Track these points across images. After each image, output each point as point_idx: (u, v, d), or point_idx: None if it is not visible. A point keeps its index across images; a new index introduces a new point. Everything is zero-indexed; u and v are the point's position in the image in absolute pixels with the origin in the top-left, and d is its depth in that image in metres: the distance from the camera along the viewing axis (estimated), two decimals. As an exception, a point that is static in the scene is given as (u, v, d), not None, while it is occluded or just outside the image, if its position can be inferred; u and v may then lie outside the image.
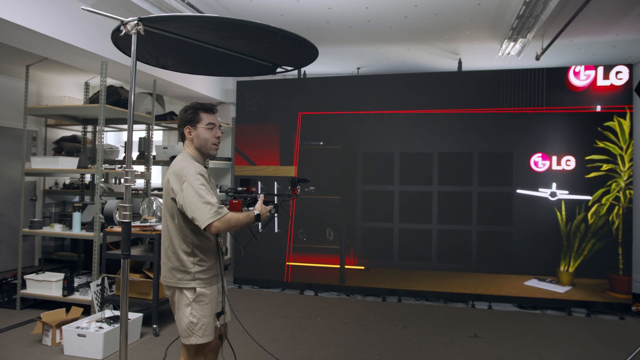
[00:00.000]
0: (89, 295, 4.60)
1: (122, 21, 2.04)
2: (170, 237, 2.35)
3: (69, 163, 4.96)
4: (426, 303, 5.58)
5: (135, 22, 2.00)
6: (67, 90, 7.51)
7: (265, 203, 2.45)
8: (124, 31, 2.04)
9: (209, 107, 2.44)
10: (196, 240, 2.34)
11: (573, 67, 5.35)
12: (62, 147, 7.05)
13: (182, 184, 2.23)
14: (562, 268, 5.36)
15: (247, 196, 2.46)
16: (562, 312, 5.26)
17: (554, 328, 4.73)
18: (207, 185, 2.26)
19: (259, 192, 2.51)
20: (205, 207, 2.19)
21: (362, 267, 5.89)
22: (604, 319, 5.06)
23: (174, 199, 2.29)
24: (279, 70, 2.75)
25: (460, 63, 6.22)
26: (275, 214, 2.54)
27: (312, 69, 6.59)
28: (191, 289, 2.32)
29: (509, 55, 5.51)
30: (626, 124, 5.20)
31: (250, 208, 2.40)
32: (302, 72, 6.68)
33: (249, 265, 6.05)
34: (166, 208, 2.38)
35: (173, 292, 2.38)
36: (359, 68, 6.82)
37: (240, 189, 2.55)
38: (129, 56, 2.11)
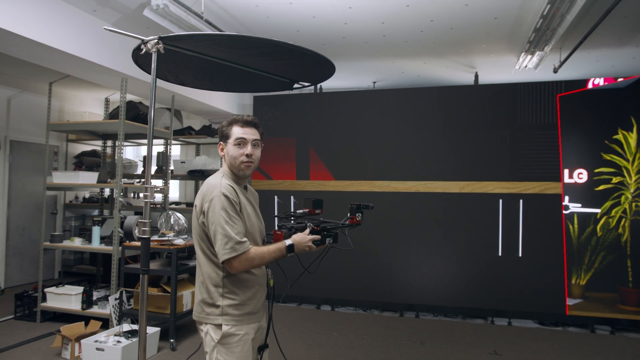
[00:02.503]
0: (108, 309, 4.63)
1: (142, 40, 2.07)
2: (199, 263, 2.08)
3: (89, 178, 5.04)
4: (444, 319, 5.49)
5: (156, 40, 2.03)
6: (88, 106, 7.66)
7: (318, 232, 2.09)
8: (144, 50, 2.07)
9: (243, 120, 2.13)
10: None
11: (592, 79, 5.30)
12: (83, 162, 7.18)
13: (205, 204, 1.98)
14: (573, 281, 5.26)
15: (293, 226, 2.10)
16: (585, 329, 5.13)
17: (577, 346, 4.61)
18: (230, 211, 1.96)
19: (313, 218, 2.17)
20: (222, 240, 1.91)
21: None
22: (630, 337, 4.92)
23: (203, 222, 2.01)
24: (295, 86, 2.76)
25: (476, 76, 6.19)
26: (332, 245, 2.16)
27: (328, 84, 6.62)
28: (217, 326, 1.99)
29: (527, 68, 5.47)
30: (632, 136, 5.13)
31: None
32: (319, 86, 6.72)
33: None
34: (195, 232, 2.08)
35: (201, 329, 2.08)
36: (374, 82, 6.83)
37: (300, 211, 2.22)
38: (149, 74, 2.14)
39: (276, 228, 2.13)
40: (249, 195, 2.21)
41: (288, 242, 2.01)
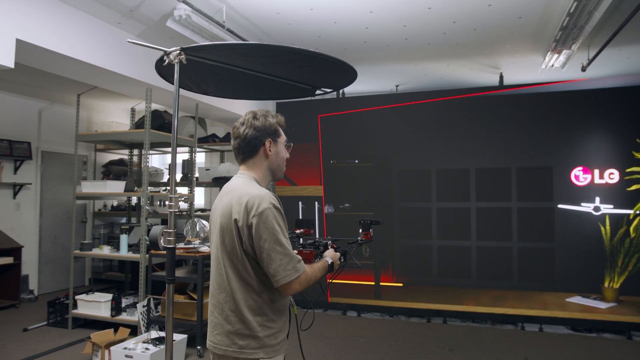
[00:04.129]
0: (136, 316, 4.69)
1: (165, 51, 2.09)
2: (229, 288, 1.72)
3: (116, 187, 5.12)
4: (473, 324, 5.38)
5: (178, 51, 2.05)
6: (115, 115, 7.82)
7: (336, 250, 2.02)
8: (167, 61, 2.09)
9: (283, 122, 1.92)
10: (269, 293, 1.73)
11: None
12: (111, 171, 7.32)
13: (252, 218, 1.66)
14: (606, 284, 5.11)
15: (319, 244, 1.97)
16: (621, 336, 4.95)
17: (612, 353, 4.46)
18: (283, 226, 1.71)
19: (322, 236, 2.11)
20: (282, 259, 1.65)
21: (401, 284, 5.79)
22: (668, 343, 4.73)
23: (239, 236, 1.70)
24: (318, 92, 2.75)
25: (501, 77, 6.08)
26: (342, 264, 2.07)
27: (351, 88, 6.59)
28: None
29: (553, 67, 5.34)
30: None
31: (322, 257, 1.94)
32: (342, 91, 6.70)
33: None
34: (223, 248, 1.74)
35: None
36: (397, 86, 6.78)
37: (299, 231, 2.18)
38: (172, 84, 2.16)
39: (301, 248, 1.97)
40: None
41: (329, 260, 1.88)
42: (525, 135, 5.44)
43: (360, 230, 2.16)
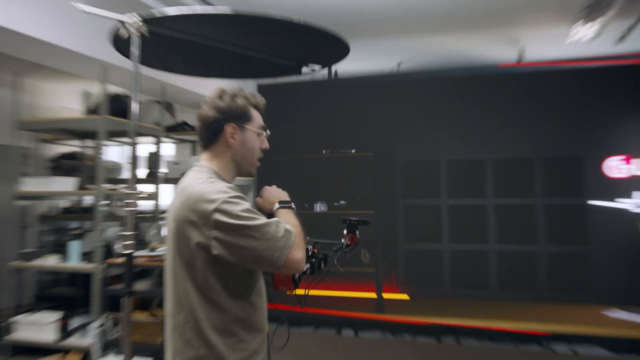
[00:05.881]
0: (89, 339, 4.66)
1: (121, 22, 2.08)
2: (189, 306, 1.67)
3: (65, 184, 5.07)
4: (492, 345, 5.41)
5: (138, 22, 2.03)
6: (65, 100, 7.74)
7: (316, 254, 1.90)
8: (127, 34, 2.07)
9: (263, 104, 1.88)
10: (236, 308, 1.67)
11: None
12: (61, 166, 7.24)
13: (210, 221, 1.58)
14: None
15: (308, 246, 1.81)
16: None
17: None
18: (247, 213, 1.60)
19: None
20: (268, 245, 1.57)
21: (407, 297, 5.83)
22: None
23: (199, 243, 1.61)
24: (305, 70, 2.76)
25: (521, 52, 6.11)
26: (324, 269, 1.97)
27: (345, 68, 6.58)
28: None
29: (582, 40, 5.37)
30: None
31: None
32: (334, 72, 6.70)
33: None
34: (180, 258, 1.68)
35: None
36: (399, 64, 6.79)
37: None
38: (129, 59, 2.15)
39: None
40: None
41: (275, 205, 1.81)
42: (551, 119, 5.48)
43: (345, 232, 2.05)
